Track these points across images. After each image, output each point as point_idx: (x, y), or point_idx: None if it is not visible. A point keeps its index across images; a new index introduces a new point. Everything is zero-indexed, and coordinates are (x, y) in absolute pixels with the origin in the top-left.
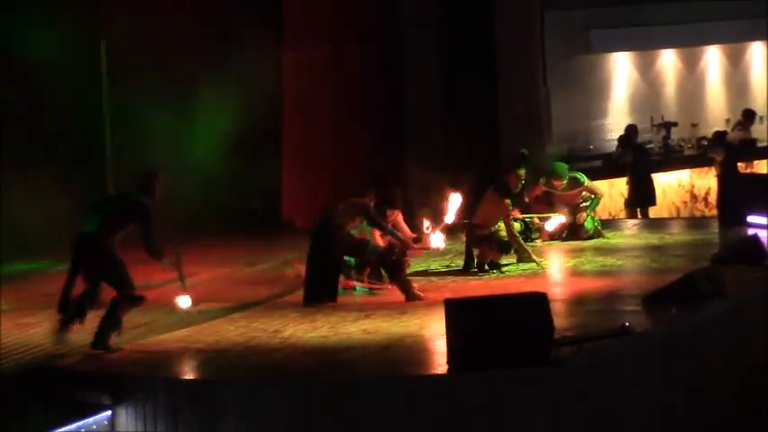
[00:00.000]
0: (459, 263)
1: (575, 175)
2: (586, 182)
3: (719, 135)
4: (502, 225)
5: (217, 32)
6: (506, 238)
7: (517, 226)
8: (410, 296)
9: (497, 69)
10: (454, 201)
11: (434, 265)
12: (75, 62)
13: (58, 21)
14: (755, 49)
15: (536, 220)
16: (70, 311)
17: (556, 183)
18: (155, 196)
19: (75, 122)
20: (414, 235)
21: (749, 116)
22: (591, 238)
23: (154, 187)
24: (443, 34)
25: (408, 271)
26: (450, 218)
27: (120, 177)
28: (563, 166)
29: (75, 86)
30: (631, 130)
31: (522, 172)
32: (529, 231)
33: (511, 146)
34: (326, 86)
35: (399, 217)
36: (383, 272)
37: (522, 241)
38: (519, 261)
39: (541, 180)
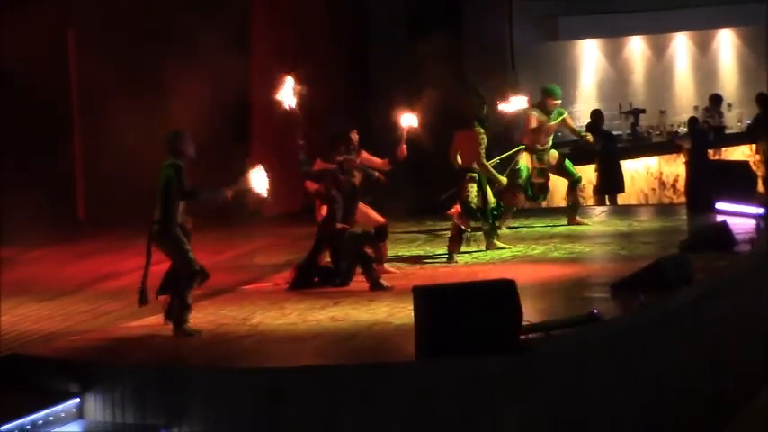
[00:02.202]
0: (429, 249)
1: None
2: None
3: (692, 121)
4: (473, 190)
5: (186, 21)
6: (474, 204)
7: (492, 201)
8: (374, 285)
9: (465, 56)
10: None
11: (403, 252)
12: (43, 50)
13: (25, 9)
14: (723, 37)
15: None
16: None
17: (549, 101)
18: (184, 156)
19: (43, 111)
20: (385, 160)
21: (716, 101)
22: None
23: (182, 147)
24: (411, 21)
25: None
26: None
27: (89, 167)
28: (557, 87)
29: (43, 75)
30: (597, 115)
31: (485, 98)
32: (500, 208)
33: None
34: (294, 74)
35: (364, 154)
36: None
37: (494, 172)
38: (487, 249)
39: (533, 111)
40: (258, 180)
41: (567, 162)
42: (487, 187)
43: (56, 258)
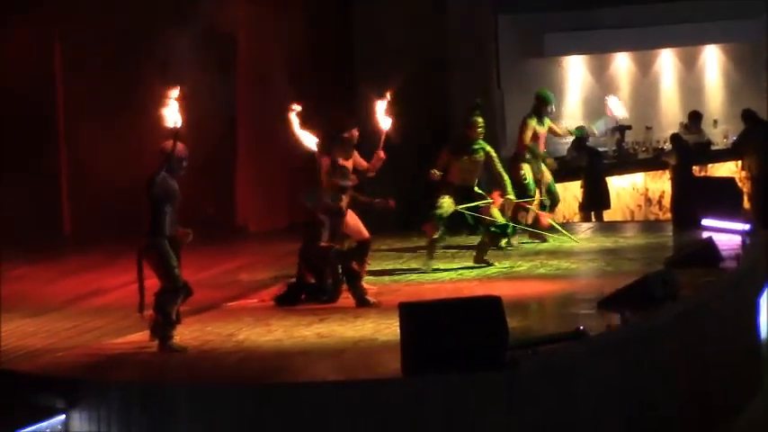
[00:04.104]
0: (414, 265)
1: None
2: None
3: (675, 137)
4: (446, 201)
5: (173, 35)
6: (442, 214)
7: (498, 215)
8: (361, 302)
9: (451, 72)
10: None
11: (388, 267)
12: (29, 64)
13: (11, 20)
14: (709, 53)
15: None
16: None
17: (545, 108)
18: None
19: (29, 125)
20: (369, 165)
21: (695, 118)
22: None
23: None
24: (396, 37)
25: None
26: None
27: (75, 182)
28: (550, 92)
29: (29, 88)
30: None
31: (480, 120)
32: (508, 228)
33: None
34: (278, 91)
35: (356, 155)
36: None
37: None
38: (475, 261)
39: (531, 121)
40: None
41: (552, 183)
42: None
43: (41, 275)
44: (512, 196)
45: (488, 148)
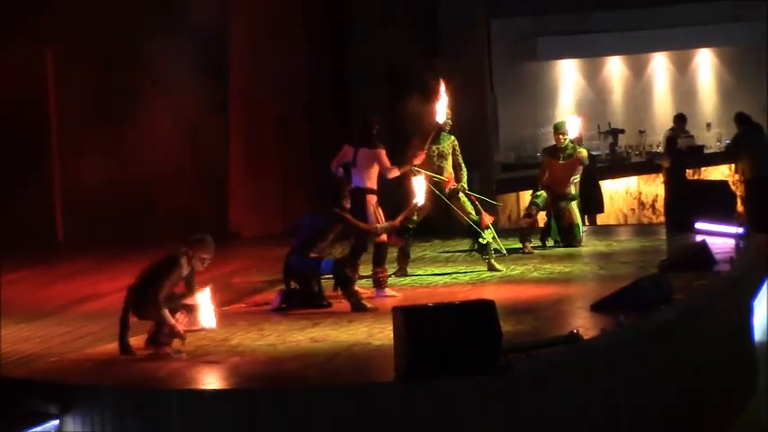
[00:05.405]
0: (408, 270)
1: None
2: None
3: (669, 141)
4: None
5: (165, 42)
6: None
7: (467, 202)
8: (357, 307)
9: (444, 76)
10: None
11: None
12: (21, 70)
13: (2, 28)
14: (702, 57)
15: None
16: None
17: (556, 137)
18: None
19: (21, 132)
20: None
21: (681, 120)
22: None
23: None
24: (388, 44)
25: (359, 273)
26: (420, 198)
27: (68, 189)
28: (561, 121)
29: (21, 95)
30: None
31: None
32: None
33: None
34: (273, 98)
35: (383, 153)
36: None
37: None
38: (488, 269)
39: (543, 156)
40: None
41: (577, 230)
42: (468, 205)
43: (35, 280)
44: (464, 185)
45: (453, 137)
